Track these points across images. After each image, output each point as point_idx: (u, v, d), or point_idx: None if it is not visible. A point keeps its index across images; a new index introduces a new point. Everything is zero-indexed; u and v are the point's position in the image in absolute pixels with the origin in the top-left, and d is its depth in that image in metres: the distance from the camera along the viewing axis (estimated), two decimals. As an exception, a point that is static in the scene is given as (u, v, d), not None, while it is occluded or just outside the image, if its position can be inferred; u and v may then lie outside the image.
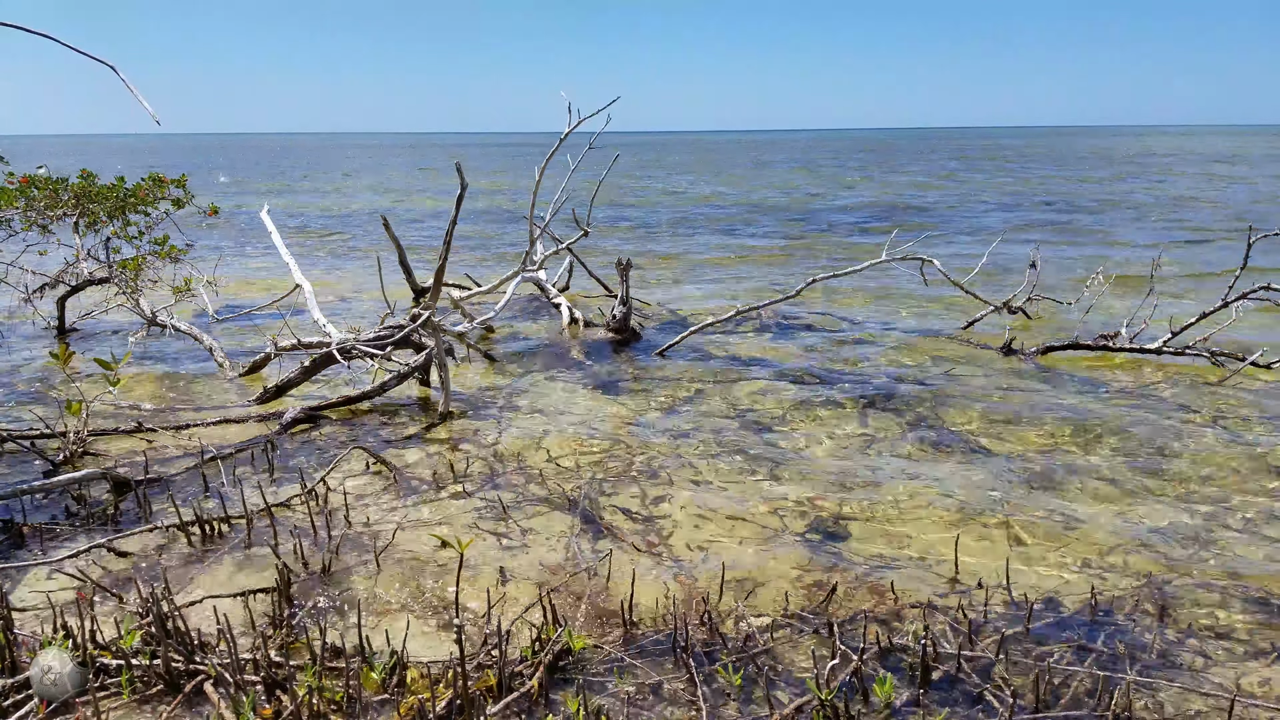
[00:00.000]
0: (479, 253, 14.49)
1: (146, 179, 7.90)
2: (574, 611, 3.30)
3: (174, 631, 2.88)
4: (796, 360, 7.28)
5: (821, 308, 9.48)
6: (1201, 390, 6.23)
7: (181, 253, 7.98)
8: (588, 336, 8.11)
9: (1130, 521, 4.12)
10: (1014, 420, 5.61)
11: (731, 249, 14.80)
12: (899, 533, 4.02)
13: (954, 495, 4.44)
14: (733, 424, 5.60)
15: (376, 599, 3.40)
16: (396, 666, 2.81)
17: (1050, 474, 4.74)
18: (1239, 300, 6.79)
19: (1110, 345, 7.03)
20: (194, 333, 7.27)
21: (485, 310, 8.19)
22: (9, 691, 2.67)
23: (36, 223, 7.61)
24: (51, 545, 3.87)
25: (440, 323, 5.77)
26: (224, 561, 3.71)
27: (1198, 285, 10.30)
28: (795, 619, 3.26)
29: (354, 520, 4.12)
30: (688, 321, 8.71)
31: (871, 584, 3.53)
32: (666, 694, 2.81)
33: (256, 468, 4.84)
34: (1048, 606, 3.34)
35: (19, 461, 4.86)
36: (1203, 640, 3.11)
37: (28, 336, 8.10)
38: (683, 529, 4.05)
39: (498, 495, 4.44)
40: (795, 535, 3.99)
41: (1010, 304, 8.27)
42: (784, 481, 4.64)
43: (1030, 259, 8.36)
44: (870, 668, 2.92)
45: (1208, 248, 13.82)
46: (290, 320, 8.03)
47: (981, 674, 2.89)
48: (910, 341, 7.90)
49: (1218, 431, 5.37)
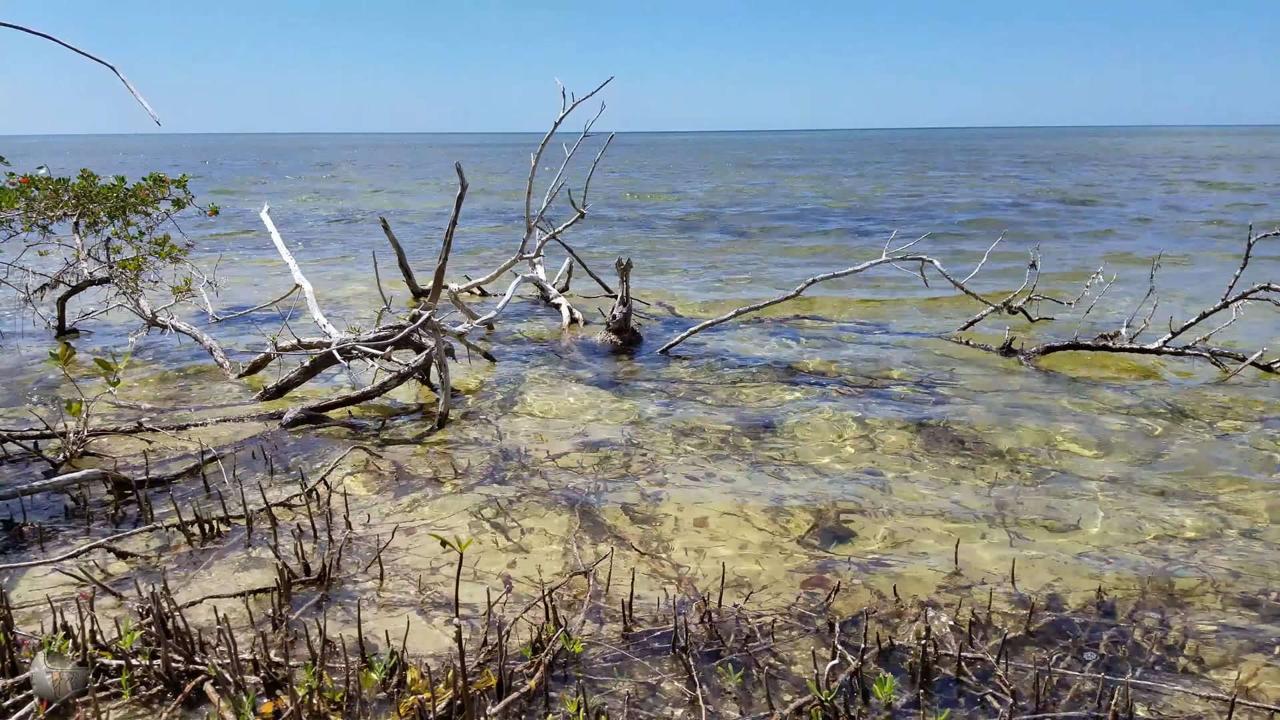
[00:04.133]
0: (479, 253, 14.49)
1: (147, 179, 7.90)
2: (574, 611, 3.30)
3: (174, 631, 2.88)
4: (796, 360, 7.28)
5: (821, 307, 9.48)
6: (1201, 390, 6.23)
7: (182, 253, 7.98)
8: (588, 336, 8.11)
9: (1130, 521, 4.12)
10: (1014, 420, 5.60)
11: (732, 249, 14.80)
12: (899, 533, 4.02)
13: (954, 495, 4.44)
14: (733, 424, 5.60)
15: (376, 598, 3.40)
16: (396, 666, 2.81)
17: (1050, 474, 4.74)
18: (1239, 300, 6.79)
19: (1110, 345, 7.03)
20: (194, 333, 7.27)
21: (486, 310, 8.20)
22: (9, 691, 2.67)
23: (37, 223, 7.61)
24: (51, 545, 3.87)
25: (440, 323, 5.77)
26: (224, 561, 3.71)
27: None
28: (795, 619, 3.26)
29: (354, 520, 4.12)
30: (688, 321, 8.71)
31: (872, 584, 3.53)
32: (666, 694, 2.81)
33: (256, 468, 4.84)
34: (1048, 607, 3.34)
35: (19, 462, 4.86)
36: (1203, 641, 3.11)
37: (28, 336, 8.10)
38: (683, 529, 4.05)
39: (498, 495, 4.44)
40: (795, 535, 3.99)
41: (1010, 304, 8.27)
42: (784, 481, 4.64)
43: (1031, 259, 8.37)
44: (871, 668, 2.92)
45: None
46: (290, 320, 8.04)
47: (982, 675, 2.89)
48: (911, 341, 7.90)
49: (1218, 431, 5.37)
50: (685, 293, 10.58)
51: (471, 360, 7.24)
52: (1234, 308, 6.86)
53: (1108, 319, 8.43)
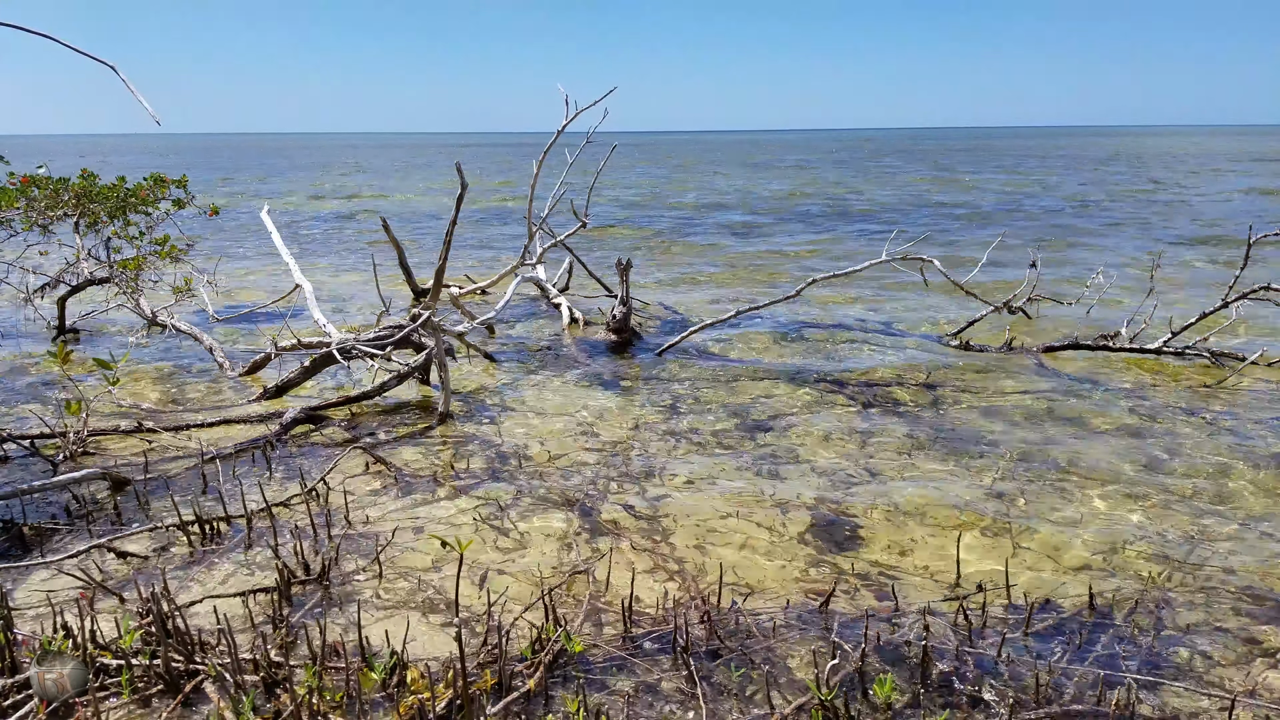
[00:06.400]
0: (480, 253, 14.49)
1: (147, 179, 7.91)
2: (574, 611, 3.30)
3: (174, 631, 2.88)
4: (797, 360, 7.28)
5: (822, 307, 9.48)
6: (1201, 390, 6.23)
7: (182, 253, 7.98)
8: (588, 336, 8.11)
9: (1130, 521, 4.12)
10: (1014, 420, 5.61)
11: (733, 248, 14.80)
12: (899, 532, 4.02)
13: (954, 495, 4.44)
14: (733, 424, 5.60)
15: (376, 598, 3.40)
16: (396, 666, 2.81)
17: (1050, 474, 4.73)
18: (1239, 300, 6.79)
19: (1110, 345, 7.03)
20: (194, 332, 7.27)
21: (486, 310, 8.20)
22: (9, 691, 2.67)
23: (37, 223, 7.61)
24: (51, 545, 3.87)
25: (440, 323, 5.77)
26: (224, 561, 3.71)
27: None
28: (795, 618, 3.26)
29: (354, 520, 4.13)
30: (688, 321, 8.71)
31: (872, 583, 3.53)
32: (666, 693, 2.81)
33: (256, 467, 4.84)
34: (1048, 606, 3.34)
35: (19, 461, 4.86)
36: (1203, 640, 3.11)
37: (28, 336, 8.11)
38: (683, 528, 4.05)
39: (498, 495, 4.44)
40: (795, 535, 3.99)
41: (1010, 304, 8.28)
42: (784, 481, 4.64)
43: (1031, 259, 8.37)
44: (870, 667, 2.92)
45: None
46: (290, 320, 8.04)
47: (982, 674, 2.89)
48: (910, 341, 7.90)
49: (1218, 431, 5.37)
50: (685, 292, 10.58)
51: (471, 360, 7.24)
52: (1234, 308, 6.86)
53: (1108, 318, 8.43)
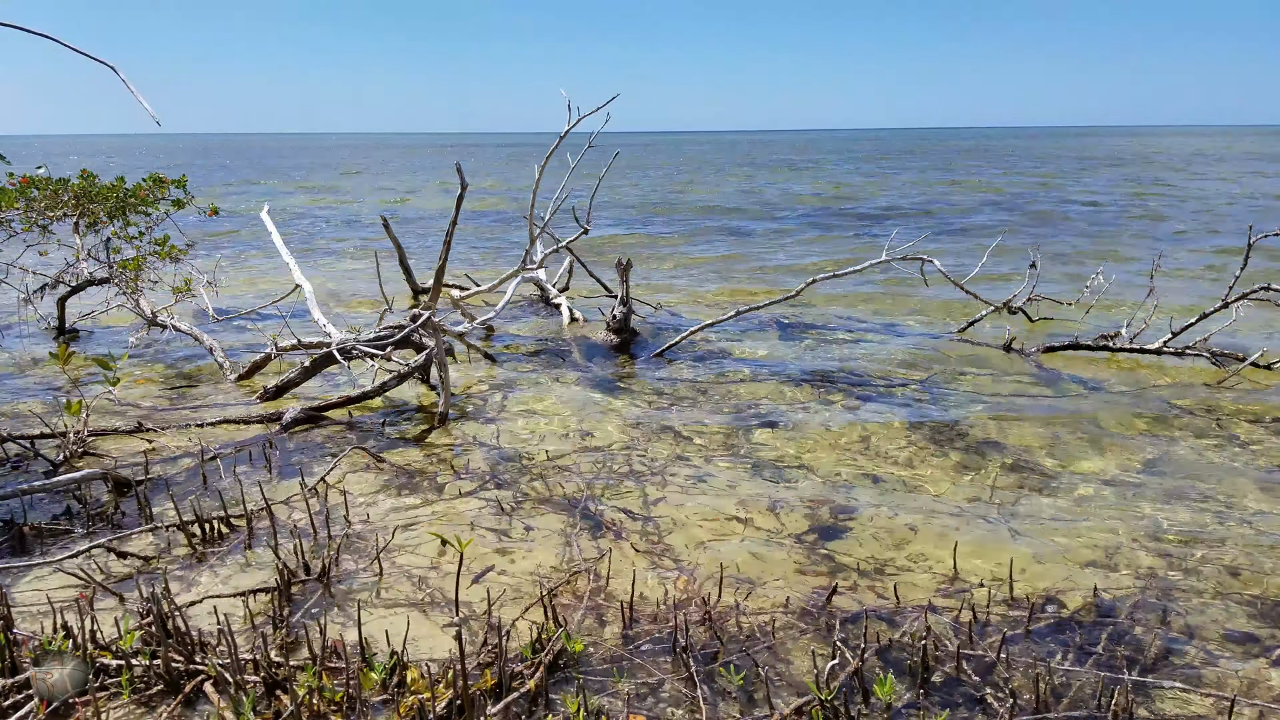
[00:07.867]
0: (480, 253, 14.49)
1: (147, 179, 7.90)
2: (574, 611, 3.30)
3: (174, 631, 2.88)
4: (796, 360, 7.28)
5: (822, 308, 9.48)
6: (1201, 390, 6.23)
7: (182, 253, 7.98)
8: (588, 336, 8.11)
9: (1131, 521, 4.12)
10: (1014, 420, 5.60)
11: (733, 249, 14.80)
12: (899, 532, 4.01)
13: (954, 494, 4.44)
14: (733, 424, 5.60)
15: (376, 598, 3.40)
16: (396, 666, 2.81)
17: (1050, 473, 4.74)
18: (1239, 300, 6.79)
19: (1110, 345, 7.03)
20: (194, 333, 7.27)
21: (485, 310, 8.20)
22: (9, 691, 2.67)
23: (37, 223, 7.60)
24: (51, 545, 3.87)
25: (441, 323, 5.77)
26: (224, 561, 3.71)
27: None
28: (795, 618, 3.26)
29: (354, 520, 4.12)
30: (688, 321, 8.71)
31: (872, 583, 3.53)
32: (666, 693, 2.81)
33: (256, 467, 4.84)
34: (1048, 606, 3.34)
35: (19, 461, 4.86)
36: (1203, 640, 3.11)
37: (28, 337, 8.10)
38: (683, 528, 4.05)
39: (498, 495, 4.44)
40: (795, 535, 3.99)
41: (1010, 304, 8.27)
42: (784, 481, 4.64)
43: (1031, 259, 8.36)
44: (871, 668, 2.92)
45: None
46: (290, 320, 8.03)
47: (982, 675, 2.89)
48: (910, 341, 7.90)
49: (1218, 431, 5.37)
50: (685, 292, 10.58)
51: (471, 360, 7.24)
52: (1234, 308, 6.86)
53: (1108, 319, 8.43)
